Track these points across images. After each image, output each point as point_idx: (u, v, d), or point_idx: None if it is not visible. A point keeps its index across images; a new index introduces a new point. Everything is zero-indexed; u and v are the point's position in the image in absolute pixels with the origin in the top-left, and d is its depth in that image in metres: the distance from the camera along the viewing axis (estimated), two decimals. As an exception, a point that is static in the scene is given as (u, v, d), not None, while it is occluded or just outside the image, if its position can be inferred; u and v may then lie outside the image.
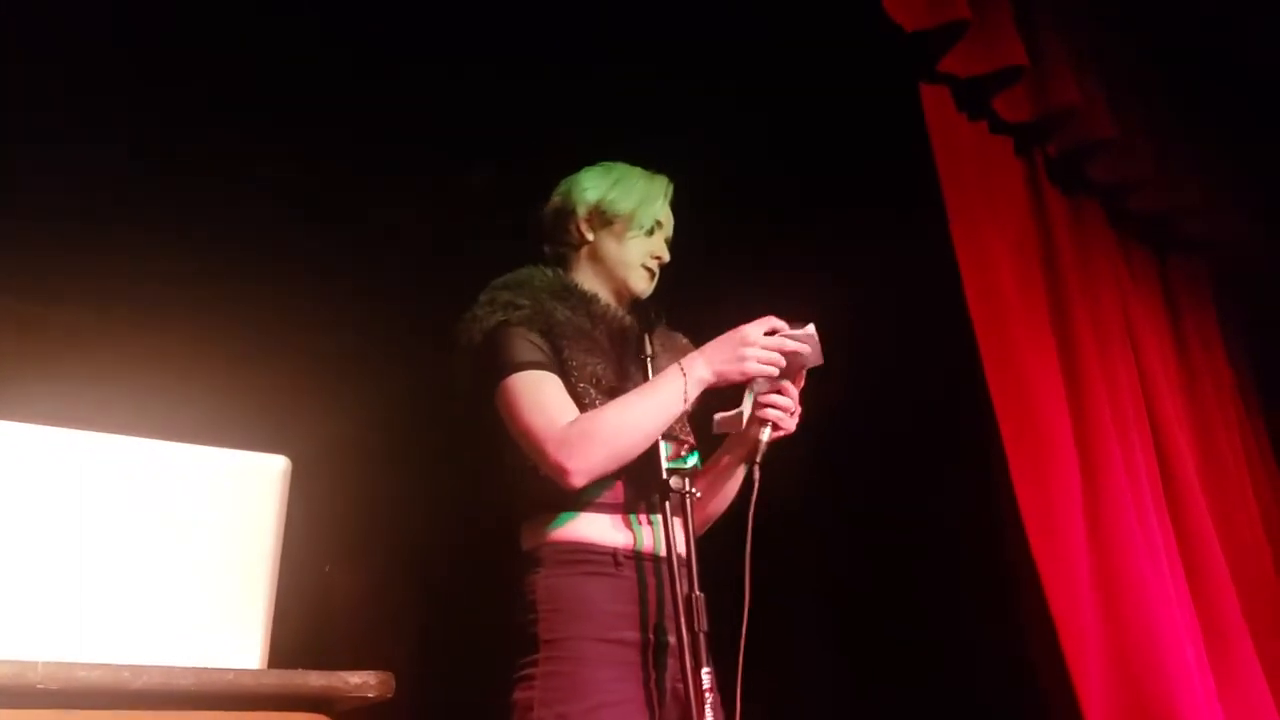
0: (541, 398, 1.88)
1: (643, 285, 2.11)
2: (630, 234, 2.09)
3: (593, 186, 2.13)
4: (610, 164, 2.18)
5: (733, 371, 1.89)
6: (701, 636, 1.73)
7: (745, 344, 1.89)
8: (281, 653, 1.26)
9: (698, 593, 1.75)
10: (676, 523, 1.84)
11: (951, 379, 2.51)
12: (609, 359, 1.97)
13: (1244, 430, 3.45)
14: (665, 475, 1.82)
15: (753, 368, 1.88)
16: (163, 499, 1.22)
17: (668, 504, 1.81)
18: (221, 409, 2.82)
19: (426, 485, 3.30)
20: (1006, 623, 2.66)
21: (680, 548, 1.83)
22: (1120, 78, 3.11)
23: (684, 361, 1.90)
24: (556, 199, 2.16)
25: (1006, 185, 2.90)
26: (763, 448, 1.92)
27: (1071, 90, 2.86)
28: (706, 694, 1.70)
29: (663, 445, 1.85)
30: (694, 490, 1.83)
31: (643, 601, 1.89)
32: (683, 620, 1.73)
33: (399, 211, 3.37)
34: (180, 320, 3.10)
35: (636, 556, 1.92)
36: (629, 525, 1.92)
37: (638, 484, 1.93)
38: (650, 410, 1.85)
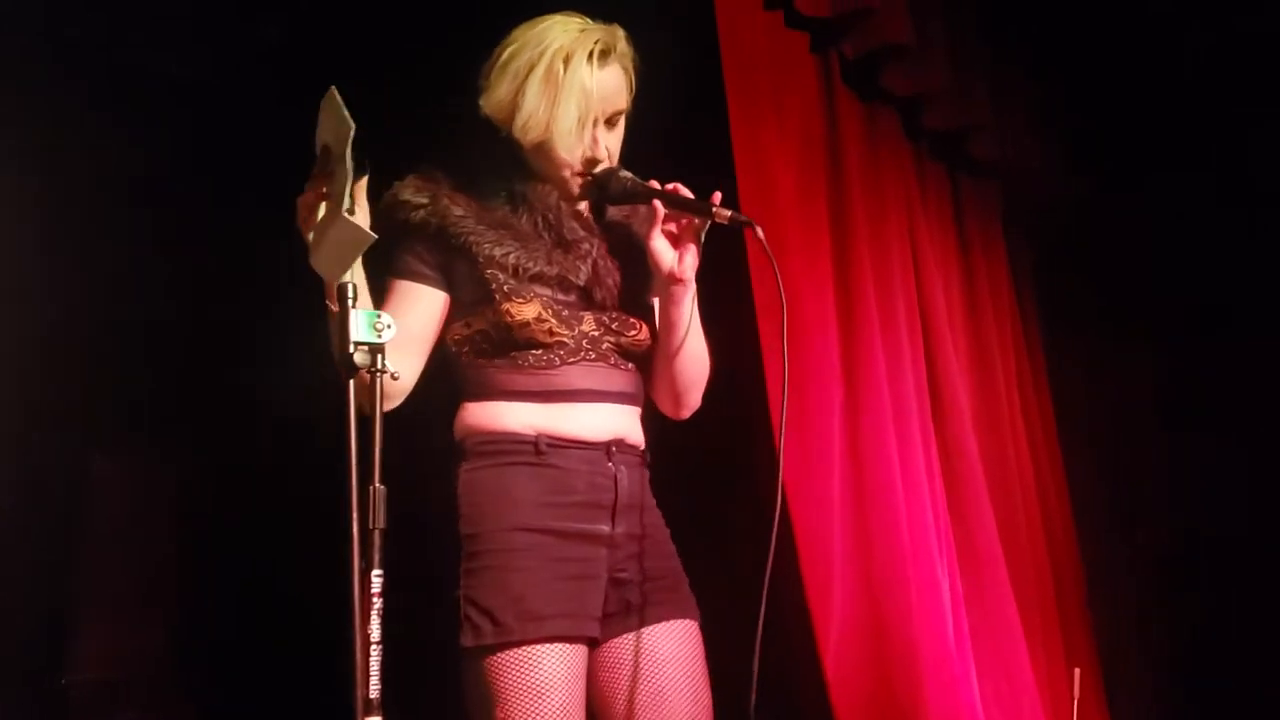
0: (388, 308, 1.83)
1: (575, 192, 1.89)
2: (550, 146, 1.84)
3: (490, 89, 1.85)
4: (514, 41, 1.84)
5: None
6: (377, 534, 1.52)
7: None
8: None
9: (378, 485, 1.53)
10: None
11: (715, 280, 2.37)
12: (534, 244, 1.85)
13: (1020, 361, 3.43)
14: (351, 350, 1.58)
15: None
16: None
17: (351, 384, 1.57)
18: None
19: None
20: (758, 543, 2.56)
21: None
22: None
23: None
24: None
25: (797, 83, 2.75)
26: (676, 267, 1.83)
27: (870, -10, 2.72)
28: (375, 599, 1.49)
29: (355, 316, 1.60)
30: (389, 369, 1.60)
31: (570, 490, 1.82)
32: (355, 517, 1.50)
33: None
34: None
35: (562, 443, 1.84)
36: (554, 410, 1.84)
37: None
38: None
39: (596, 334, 1.88)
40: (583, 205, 1.94)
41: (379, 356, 1.59)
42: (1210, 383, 3.87)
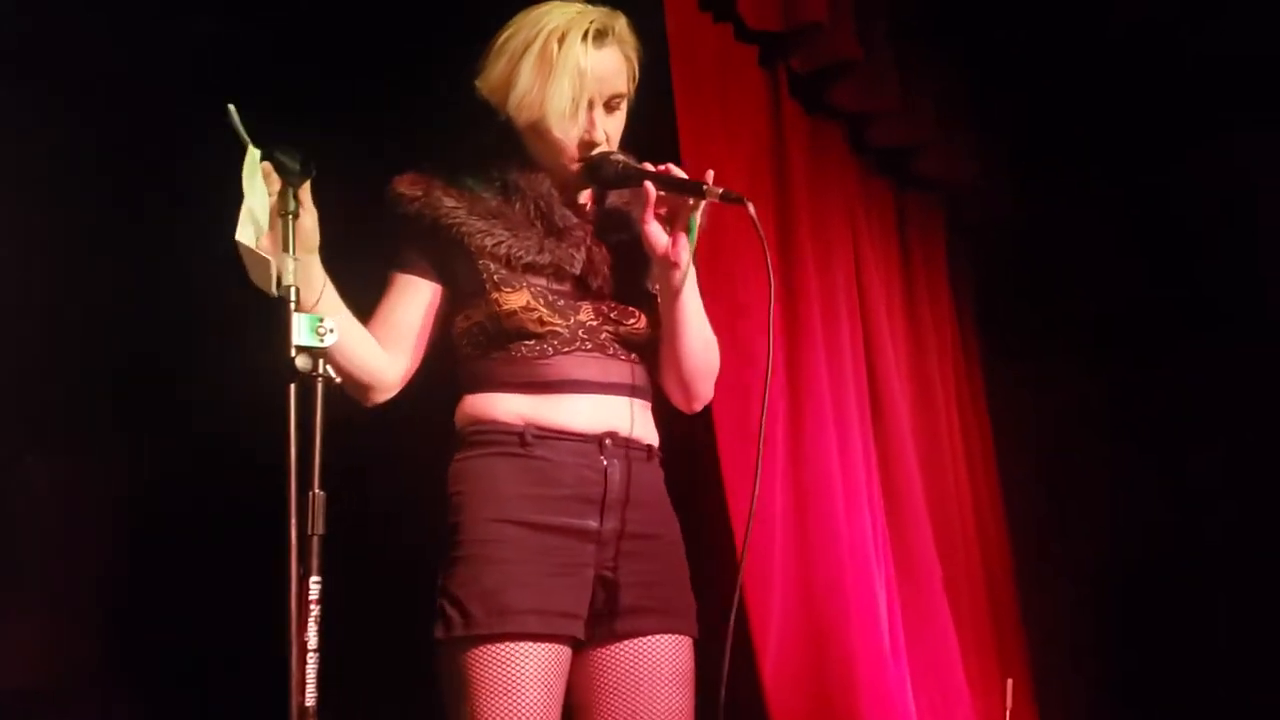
0: (380, 301, 1.87)
1: (572, 178, 1.86)
2: (545, 127, 1.81)
3: (487, 69, 1.84)
4: (512, 24, 1.83)
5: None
6: (315, 540, 1.51)
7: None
8: None
9: (317, 490, 1.52)
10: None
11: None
12: (526, 233, 1.83)
13: (959, 375, 3.48)
14: (293, 354, 1.56)
15: None
16: None
17: (291, 389, 1.55)
18: None
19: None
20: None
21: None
22: (874, 3, 3.03)
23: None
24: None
25: (746, 97, 2.78)
26: (670, 249, 1.80)
27: (820, 6, 2.76)
28: (313, 605, 1.48)
29: (297, 320, 1.58)
30: (331, 374, 1.58)
31: (556, 483, 1.78)
32: (293, 523, 1.49)
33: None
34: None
35: (551, 434, 1.80)
36: (544, 401, 1.81)
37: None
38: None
39: (594, 324, 1.84)
40: (585, 195, 1.92)
41: (320, 361, 1.58)
42: (1145, 400, 3.94)
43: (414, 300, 1.88)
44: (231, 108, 1.59)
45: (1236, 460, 3.84)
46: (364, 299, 1.88)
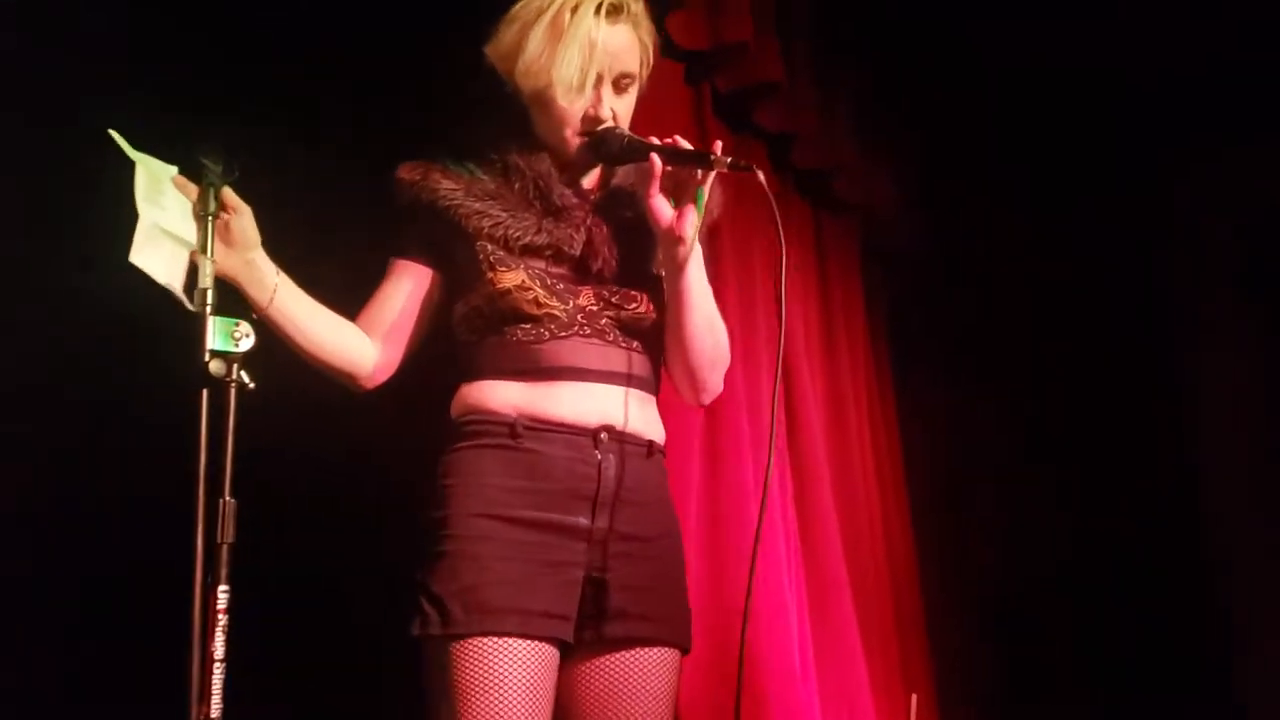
0: (378, 287, 1.86)
1: (574, 154, 1.81)
2: (550, 96, 1.77)
3: (497, 35, 1.81)
4: None
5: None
6: (225, 549, 1.48)
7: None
8: None
9: (228, 498, 1.49)
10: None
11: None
12: (524, 213, 1.78)
13: (872, 396, 3.53)
14: (207, 359, 1.53)
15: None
16: None
17: (204, 395, 1.52)
18: None
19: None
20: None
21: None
22: (798, 27, 3.07)
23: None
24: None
25: (670, 113, 2.78)
26: (676, 224, 1.75)
27: (745, 27, 2.78)
28: (220, 615, 1.45)
29: (211, 324, 1.55)
30: (245, 380, 1.55)
31: (546, 477, 1.72)
32: (201, 531, 1.46)
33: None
34: None
35: (543, 426, 1.74)
36: (537, 390, 1.75)
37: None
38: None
39: (595, 308, 1.78)
40: (591, 178, 1.88)
41: (234, 366, 1.55)
42: (1048, 421, 4.05)
43: (406, 286, 1.85)
44: (112, 132, 1.58)
45: (1136, 478, 3.97)
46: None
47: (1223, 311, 4.13)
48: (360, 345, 1.83)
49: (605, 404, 1.77)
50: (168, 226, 1.60)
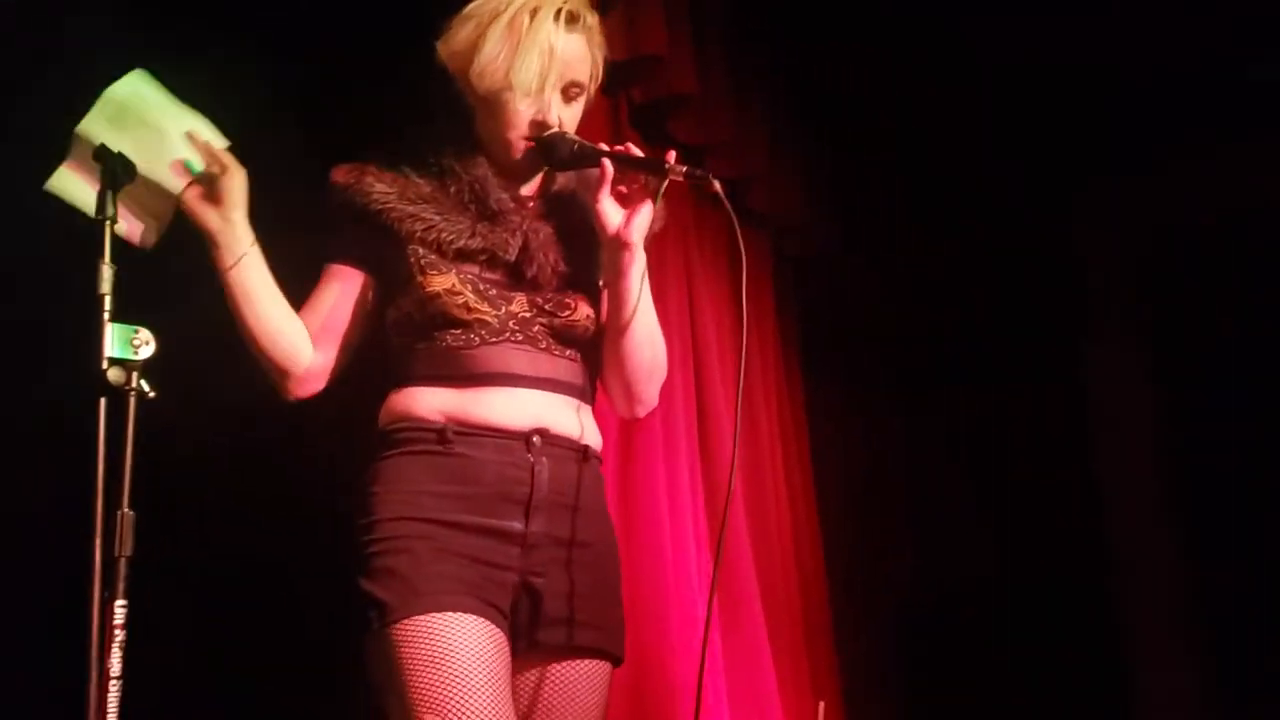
0: (311, 292, 1.82)
1: (518, 158, 1.79)
2: (505, 99, 1.75)
3: (450, 33, 1.78)
4: None
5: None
6: (123, 562, 1.44)
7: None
8: None
9: (126, 510, 1.45)
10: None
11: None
12: (458, 217, 1.75)
13: (783, 407, 3.56)
14: (105, 367, 1.49)
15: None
16: None
17: (102, 403, 1.48)
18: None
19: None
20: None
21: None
22: (714, 38, 3.10)
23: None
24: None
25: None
26: (624, 228, 1.76)
27: (661, 39, 2.80)
28: (117, 630, 1.41)
29: (109, 331, 1.51)
30: (145, 389, 1.51)
31: (477, 481, 1.68)
32: (98, 544, 1.42)
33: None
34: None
35: (473, 430, 1.70)
36: (467, 395, 1.72)
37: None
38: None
39: (527, 315, 1.75)
40: (530, 184, 1.85)
41: (134, 374, 1.52)
42: (956, 430, 4.13)
43: (340, 292, 1.81)
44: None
45: (1041, 485, 4.07)
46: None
47: (1125, 322, 4.27)
48: (303, 343, 1.79)
49: (538, 408, 1.74)
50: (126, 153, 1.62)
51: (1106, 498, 4.15)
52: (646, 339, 1.83)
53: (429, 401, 1.73)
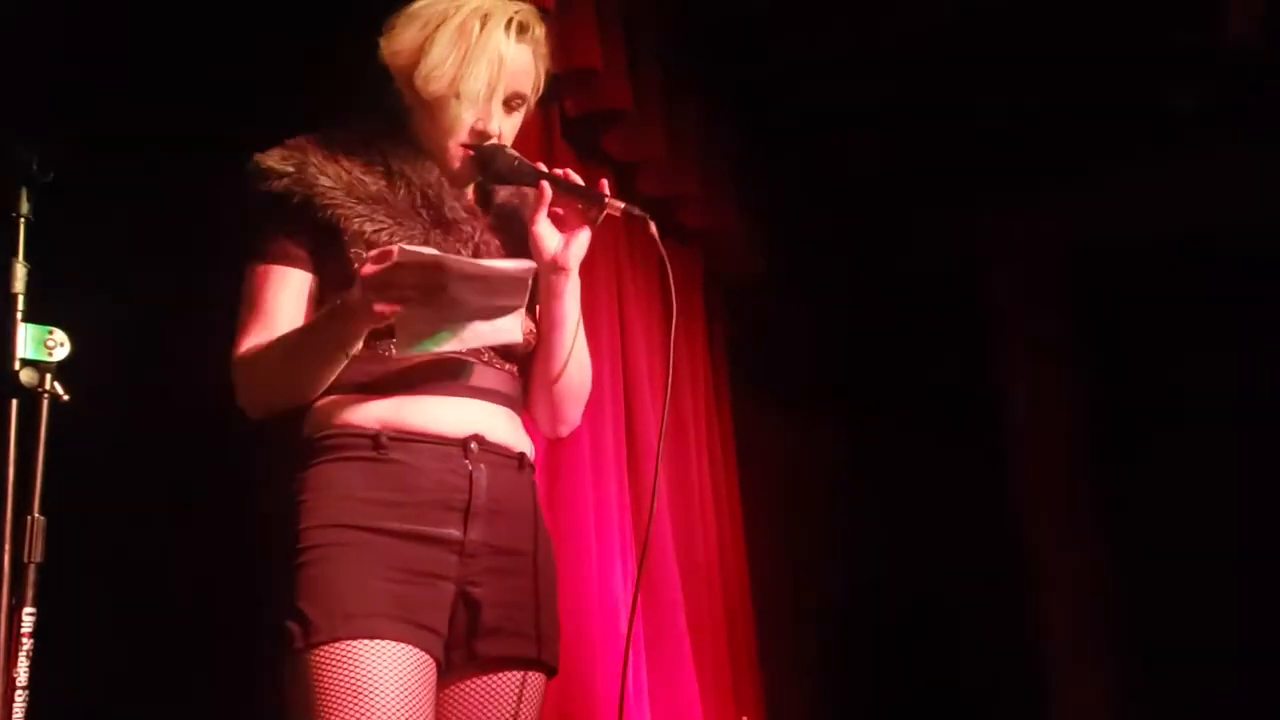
0: (255, 298, 1.68)
1: (453, 168, 1.74)
2: (446, 105, 1.71)
3: (395, 33, 1.72)
4: None
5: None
6: (32, 569, 1.41)
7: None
8: None
9: (37, 515, 1.42)
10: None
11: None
12: (410, 222, 1.69)
13: (711, 425, 3.58)
14: (17, 368, 1.46)
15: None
16: None
17: (14, 405, 1.45)
18: None
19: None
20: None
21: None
22: (648, 55, 3.12)
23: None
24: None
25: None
26: (560, 252, 1.74)
27: (595, 53, 2.80)
28: (24, 639, 1.38)
29: (22, 331, 1.48)
30: (58, 391, 1.48)
31: (414, 489, 1.62)
32: (7, 549, 1.39)
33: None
34: None
35: (409, 437, 1.64)
36: (404, 402, 1.66)
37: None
38: (308, 357, 1.63)
39: None
40: (467, 193, 1.81)
41: (47, 376, 1.49)
42: (881, 446, 4.18)
43: (295, 303, 1.69)
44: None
45: (968, 509, 4.14)
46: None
47: (1044, 339, 4.36)
48: None
49: (475, 416, 1.70)
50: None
51: (1025, 514, 4.23)
52: (576, 361, 1.82)
53: (361, 408, 1.66)
